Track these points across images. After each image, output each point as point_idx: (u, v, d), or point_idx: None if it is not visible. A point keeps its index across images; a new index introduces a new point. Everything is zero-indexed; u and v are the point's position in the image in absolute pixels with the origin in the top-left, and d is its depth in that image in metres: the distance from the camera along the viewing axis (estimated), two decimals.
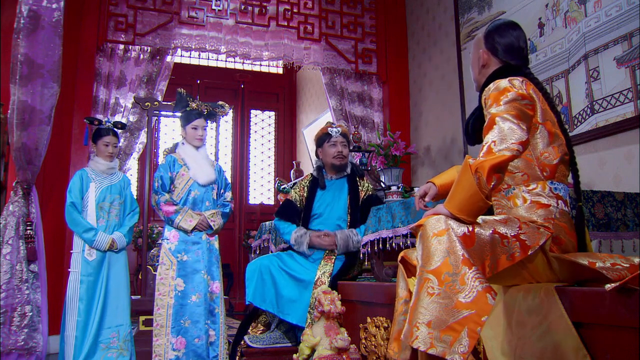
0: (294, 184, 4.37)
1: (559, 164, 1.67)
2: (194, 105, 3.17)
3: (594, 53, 3.10)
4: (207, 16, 4.65)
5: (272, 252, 3.56)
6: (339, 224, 3.17)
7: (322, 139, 3.28)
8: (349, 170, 3.28)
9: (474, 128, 1.80)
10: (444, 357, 1.33)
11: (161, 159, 3.29)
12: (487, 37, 1.87)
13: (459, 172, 1.50)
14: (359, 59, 5.12)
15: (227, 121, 7.43)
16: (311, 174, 3.36)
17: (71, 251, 3.19)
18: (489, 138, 1.52)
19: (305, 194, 3.28)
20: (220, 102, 3.38)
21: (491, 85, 1.68)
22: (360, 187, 3.22)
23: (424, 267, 1.42)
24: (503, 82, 1.65)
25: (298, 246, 3.09)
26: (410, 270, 1.73)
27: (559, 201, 1.64)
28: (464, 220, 1.47)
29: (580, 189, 1.76)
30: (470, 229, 1.47)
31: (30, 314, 3.27)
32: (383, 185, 4.06)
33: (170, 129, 7.04)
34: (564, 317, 1.43)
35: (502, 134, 1.50)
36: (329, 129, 3.27)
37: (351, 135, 4.74)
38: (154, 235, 5.19)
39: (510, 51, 1.83)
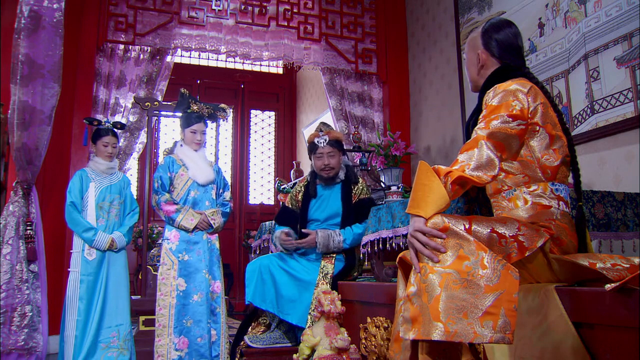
0: (294, 184, 4.37)
1: (560, 165, 1.66)
2: (194, 108, 3.16)
3: (594, 53, 3.10)
4: (207, 16, 4.65)
5: (272, 252, 3.56)
6: (333, 229, 3.15)
7: (310, 148, 3.17)
8: (342, 176, 3.18)
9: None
10: (490, 343, 1.31)
11: (161, 159, 3.29)
12: (484, 37, 1.84)
13: (423, 177, 1.47)
14: (359, 59, 5.12)
15: (227, 121, 7.42)
16: (307, 177, 3.33)
17: (71, 251, 3.20)
18: (465, 159, 1.51)
19: (300, 200, 3.26)
20: (222, 105, 3.35)
21: (498, 90, 1.65)
22: (353, 192, 3.15)
23: (439, 265, 1.38)
24: (507, 95, 1.62)
25: (277, 246, 3.12)
26: (409, 271, 1.72)
27: (560, 202, 1.64)
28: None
29: (581, 189, 1.76)
30: (467, 226, 1.45)
31: (30, 314, 3.27)
32: (383, 185, 4.06)
33: (170, 129, 7.04)
34: (564, 317, 1.42)
35: (479, 162, 1.50)
36: (315, 139, 3.12)
37: (351, 136, 4.76)
38: (154, 235, 5.18)
39: (508, 50, 1.81)
